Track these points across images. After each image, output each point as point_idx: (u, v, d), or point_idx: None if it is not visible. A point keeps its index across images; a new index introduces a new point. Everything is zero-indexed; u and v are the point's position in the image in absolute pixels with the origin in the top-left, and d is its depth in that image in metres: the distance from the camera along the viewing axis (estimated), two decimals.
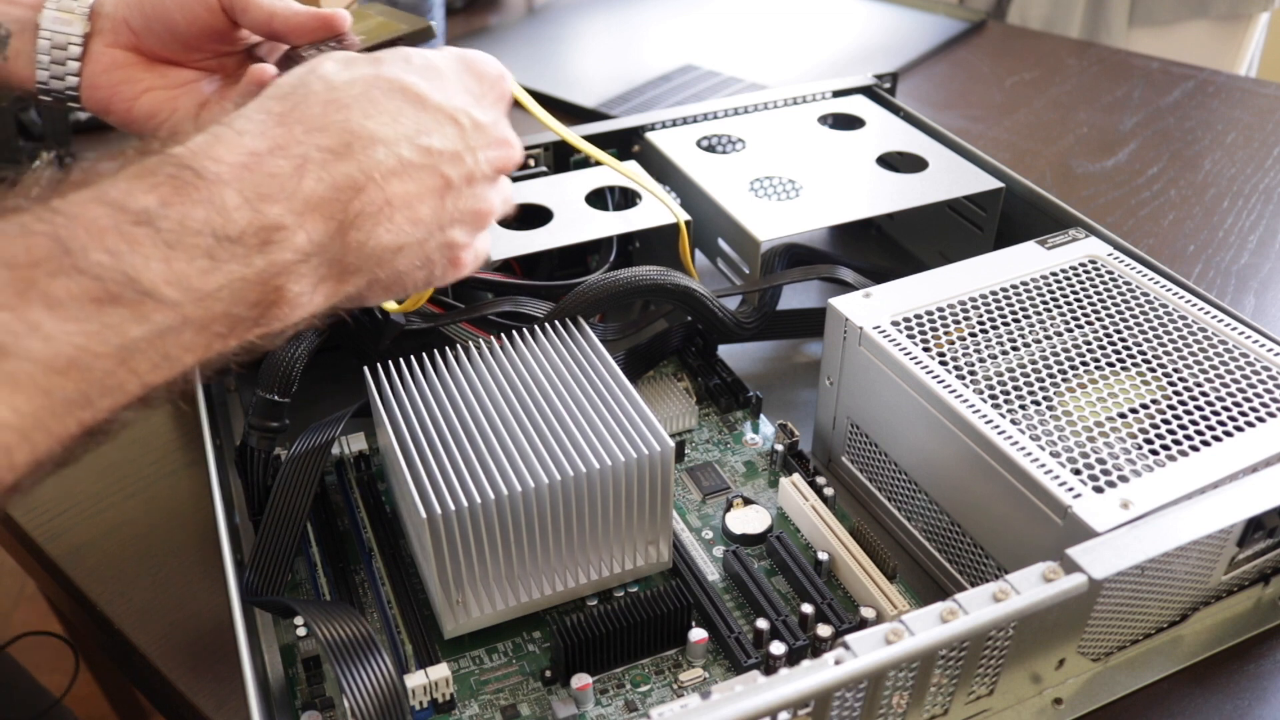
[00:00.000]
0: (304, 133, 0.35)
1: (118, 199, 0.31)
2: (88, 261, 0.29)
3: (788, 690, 0.32)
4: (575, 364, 0.48)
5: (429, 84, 0.39)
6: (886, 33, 1.13)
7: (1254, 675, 0.44)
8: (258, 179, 0.33)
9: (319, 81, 0.37)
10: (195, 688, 0.45)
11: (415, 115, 0.38)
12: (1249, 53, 1.26)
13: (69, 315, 0.28)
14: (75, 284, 0.29)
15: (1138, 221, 0.79)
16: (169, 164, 0.32)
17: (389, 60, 0.39)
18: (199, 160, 0.33)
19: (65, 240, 0.29)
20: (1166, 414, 0.45)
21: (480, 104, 0.41)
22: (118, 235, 0.30)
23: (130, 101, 0.52)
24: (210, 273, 0.32)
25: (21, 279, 0.28)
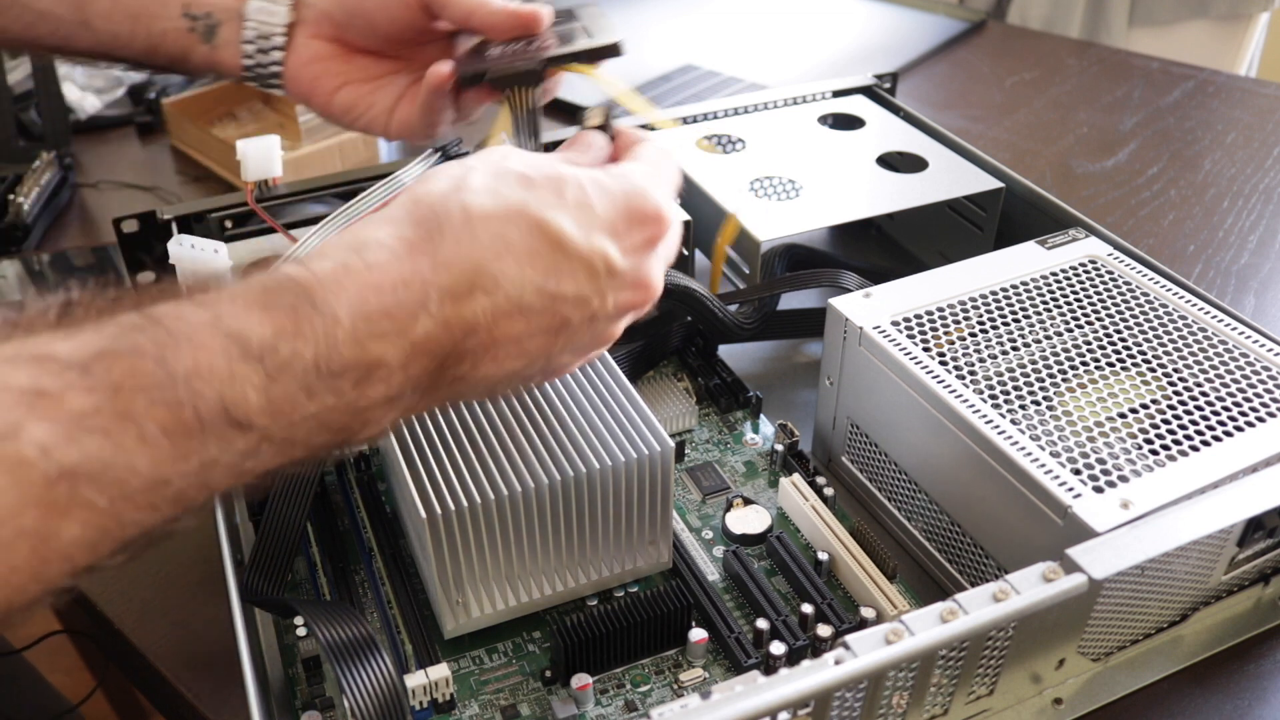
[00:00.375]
0: (431, 269, 0.34)
1: (234, 329, 0.30)
2: (189, 391, 0.29)
3: (788, 690, 0.32)
4: None
5: (575, 225, 0.36)
6: (886, 33, 1.13)
7: (1254, 675, 0.44)
8: (373, 317, 0.32)
9: (459, 210, 0.35)
10: (195, 688, 0.45)
11: (549, 260, 0.36)
12: (1249, 53, 1.27)
13: (158, 444, 0.28)
14: (171, 415, 0.28)
15: (1138, 221, 0.79)
16: (291, 293, 0.32)
17: (540, 186, 0.36)
18: (322, 293, 0.32)
19: (171, 366, 0.29)
20: (1166, 414, 0.45)
21: (626, 248, 0.38)
22: (224, 367, 0.29)
23: (330, 94, 0.53)
24: (303, 403, 0.31)
25: (124, 405, 0.28)
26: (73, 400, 0.27)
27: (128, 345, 0.28)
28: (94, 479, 0.27)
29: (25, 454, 0.26)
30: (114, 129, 0.94)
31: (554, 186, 0.37)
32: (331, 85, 0.54)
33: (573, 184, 0.37)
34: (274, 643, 0.45)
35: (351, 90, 0.54)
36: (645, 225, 0.38)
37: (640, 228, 0.38)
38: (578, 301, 0.37)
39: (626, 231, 0.38)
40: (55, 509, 0.26)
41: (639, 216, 0.38)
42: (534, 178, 0.37)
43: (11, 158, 0.84)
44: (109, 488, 0.27)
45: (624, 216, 0.38)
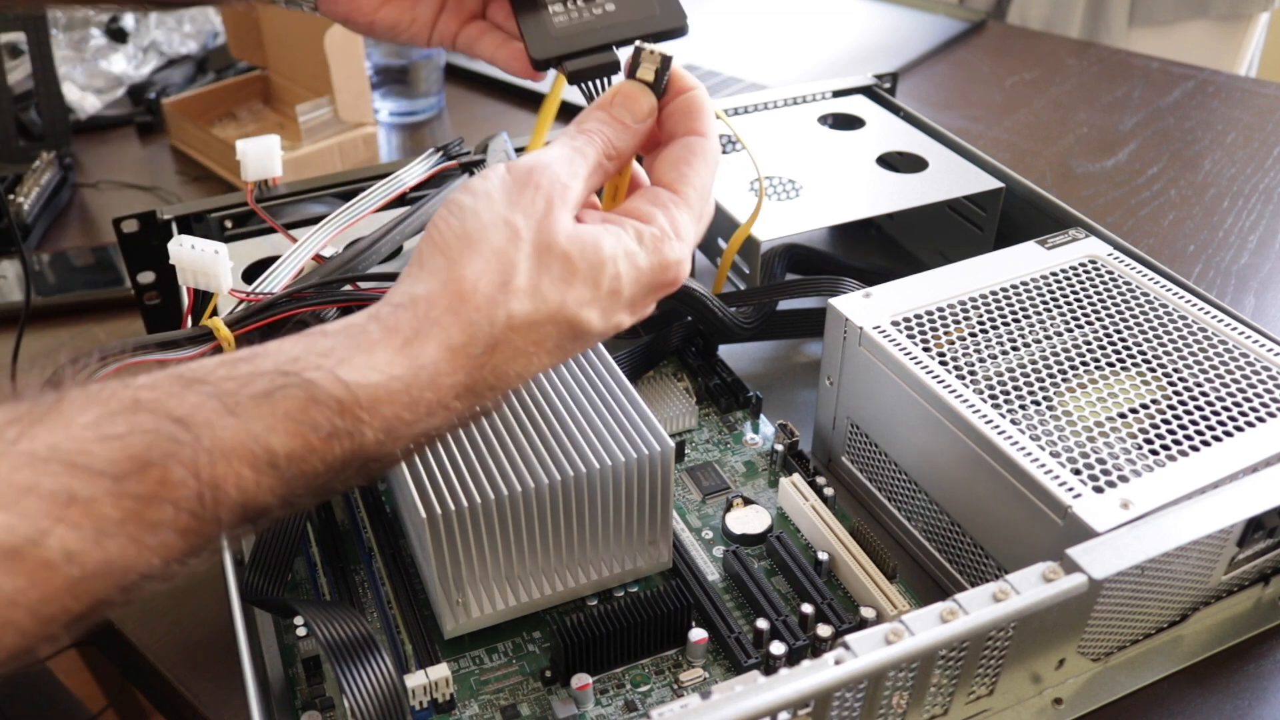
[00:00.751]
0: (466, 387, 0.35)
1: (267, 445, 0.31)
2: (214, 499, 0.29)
3: (788, 690, 0.32)
4: (575, 364, 0.48)
5: (602, 314, 0.37)
6: (886, 33, 1.13)
7: (1254, 675, 0.44)
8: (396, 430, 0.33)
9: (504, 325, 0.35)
10: (195, 688, 0.45)
11: (567, 343, 0.37)
12: (1249, 53, 1.27)
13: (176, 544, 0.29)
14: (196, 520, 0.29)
15: (1138, 221, 0.79)
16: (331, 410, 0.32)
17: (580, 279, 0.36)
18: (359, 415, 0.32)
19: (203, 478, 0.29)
20: (1166, 414, 0.45)
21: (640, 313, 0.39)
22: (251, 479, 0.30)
23: (371, 15, 0.52)
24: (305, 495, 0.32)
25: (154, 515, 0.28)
26: (102, 508, 0.28)
27: (160, 454, 0.29)
28: (114, 578, 0.28)
29: (51, 559, 0.27)
30: (114, 129, 0.94)
31: (592, 276, 0.37)
32: (370, 5, 0.52)
33: (609, 268, 0.37)
34: (274, 643, 0.45)
35: (392, 9, 0.52)
36: (662, 292, 0.39)
37: (657, 295, 0.39)
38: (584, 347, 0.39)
39: (644, 301, 0.39)
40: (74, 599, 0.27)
41: (661, 289, 0.39)
42: (577, 266, 0.36)
43: (11, 158, 0.84)
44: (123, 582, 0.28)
45: (649, 292, 0.39)
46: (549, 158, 0.38)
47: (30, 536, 0.26)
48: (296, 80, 0.91)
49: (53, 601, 0.27)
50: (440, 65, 0.96)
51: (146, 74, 1.00)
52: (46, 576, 0.27)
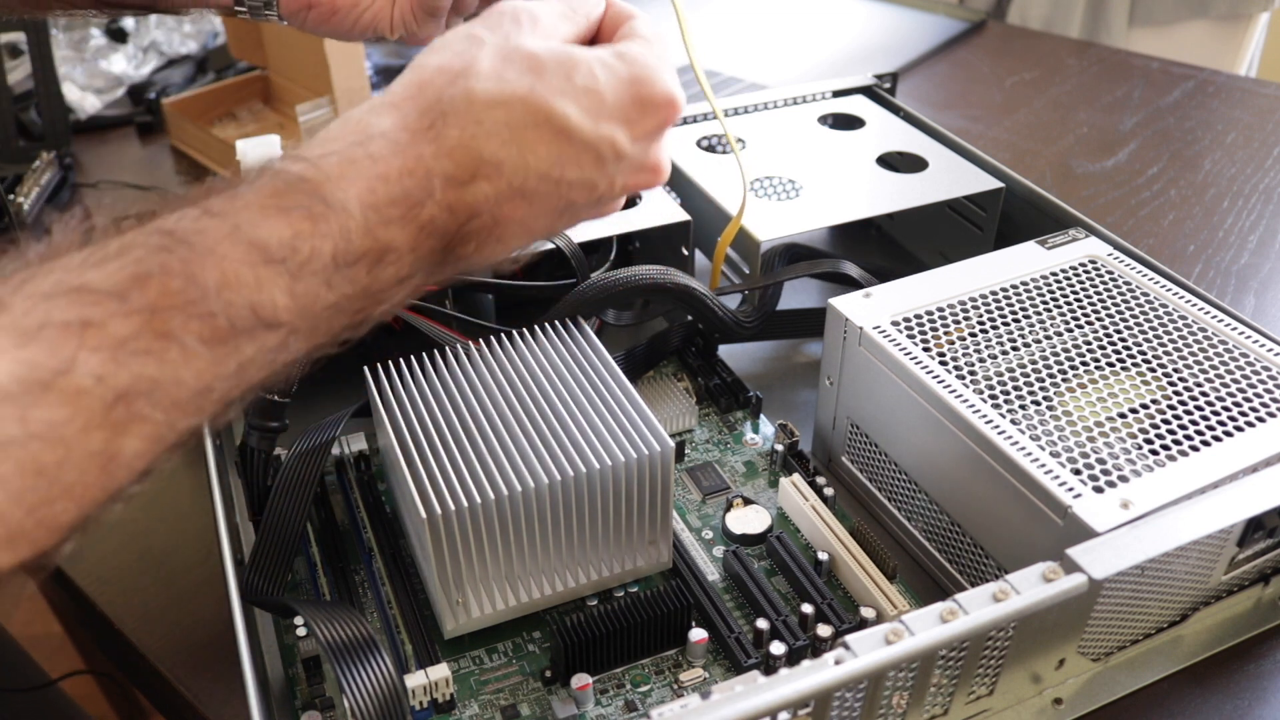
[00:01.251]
0: (434, 156, 0.35)
1: (254, 238, 0.31)
2: (220, 302, 0.30)
3: (788, 690, 0.32)
4: (575, 364, 0.48)
5: (582, 112, 0.36)
6: (886, 33, 1.13)
7: (1254, 675, 0.44)
8: (381, 206, 0.33)
9: (464, 97, 0.35)
10: (195, 688, 0.45)
11: (554, 149, 0.36)
12: (1249, 53, 1.26)
13: (199, 354, 0.30)
14: (206, 325, 0.30)
15: (1138, 221, 0.79)
16: (304, 194, 0.32)
17: (550, 72, 0.36)
18: (331, 188, 0.33)
19: (200, 281, 0.30)
20: (1166, 414, 0.45)
21: (634, 132, 0.38)
22: (250, 274, 0.31)
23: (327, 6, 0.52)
24: (325, 295, 0.33)
25: (162, 324, 0.29)
26: (116, 327, 0.28)
27: (157, 266, 0.29)
28: (146, 396, 0.29)
29: (82, 384, 0.27)
30: (114, 129, 0.94)
31: (563, 70, 0.36)
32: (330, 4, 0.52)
33: (583, 68, 0.37)
34: (274, 643, 0.45)
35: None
36: (656, 111, 0.38)
37: (651, 113, 0.38)
38: (583, 185, 0.37)
39: (638, 118, 0.38)
40: (116, 428, 0.28)
41: (649, 102, 0.38)
42: (544, 60, 0.36)
43: (11, 158, 0.84)
44: (161, 402, 0.29)
45: (634, 102, 0.38)
46: None
47: (56, 367, 0.27)
48: (296, 80, 0.91)
49: (96, 430, 0.28)
50: None
51: (146, 74, 1.00)
52: (83, 403, 0.27)
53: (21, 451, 0.26)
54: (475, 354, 0.49)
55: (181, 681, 0.46)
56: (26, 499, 0.27)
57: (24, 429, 0.26)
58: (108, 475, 0.28)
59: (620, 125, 0.37)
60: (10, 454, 0.26)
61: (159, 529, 0.53)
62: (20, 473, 0.26)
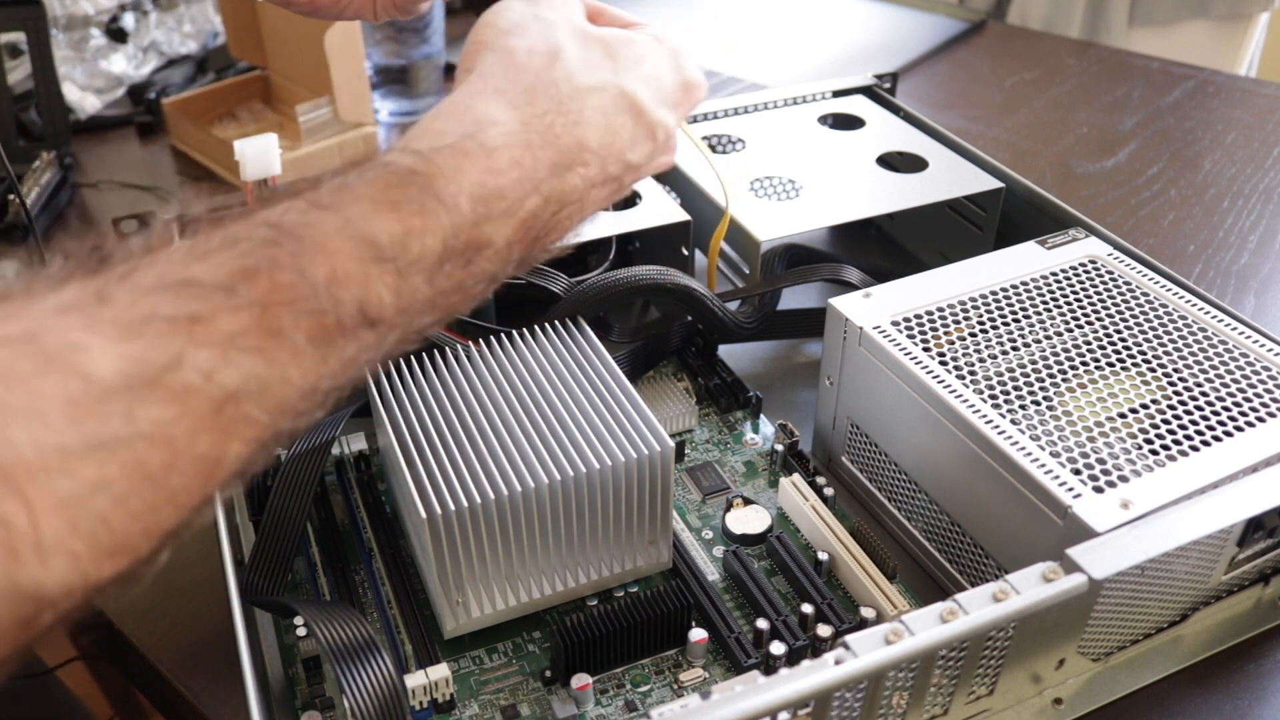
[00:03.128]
0: (541, 146, 0.35)
1: (365, 233, 0.30)
2: (330, 299, 0.29)
3: (788, 690, 0.32)
4: (575, 364, 0.48)
5: (651, 96, 0.39)
6: (886, 33, 1.13)
7: (1254, 675, 0.44)
8: (490, 200, 0.33)
9: (566, 82, 0.37)
10: (195, 688, 0.45)
11: (631, 130, 0.38)
12: (1249, 53, 1.26)
13: (307, 354, 0.29)
14: (315, 323, 0.29)
15: (1138, 221, 0.79)
16: (417, 189, 0.32)
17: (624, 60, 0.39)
18: (444, 184, 0.32)
19: (311, 276, 0.29)
20: (1166, 414, 0.45)
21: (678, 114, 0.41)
22: (360, 271, 0.30)
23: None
24: (425, 289, 0.32)
25: (273, 321, 0.28)
26: (224, 322, 0.27)
27: (266, 260, 0.28)
28: (255, 397, 0.27)
29: (191, 382, 0.26)
30: (114, 129, 0.94)
31: (633, 56, 0.39)
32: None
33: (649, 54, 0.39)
34: (274, 643, 0.45)
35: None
36: (693, 93, 0.41)
37: (689, 95, 0.41)
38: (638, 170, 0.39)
39: (682, 100, 0.41)
40: (224, 432, 0.27)
41: (690, 85, 0.41)
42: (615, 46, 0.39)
43: (11, 158, 0.84)
44: (268, 403, 0.28)
45: (681, 86, 0.41)
46: None
47: (164, 363, 0.25)
48: (296, 80, 0.91)
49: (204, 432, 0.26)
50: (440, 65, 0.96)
51: (146, 74, 1.00)
52: (192, 402, 0.26)
53: (128, 453, 0.24)
54: (475, 354, 0.49)
55: (181, 681, 0.46)
56: (132, 504, 0.25)
57: (131, 428, 0.25)
58: (210, 480, 0.27)
59: (671, 109, 0.40)
60: (117, 455, 0.24)
61: None
62: (127, 475, 0.25)
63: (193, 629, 0.48)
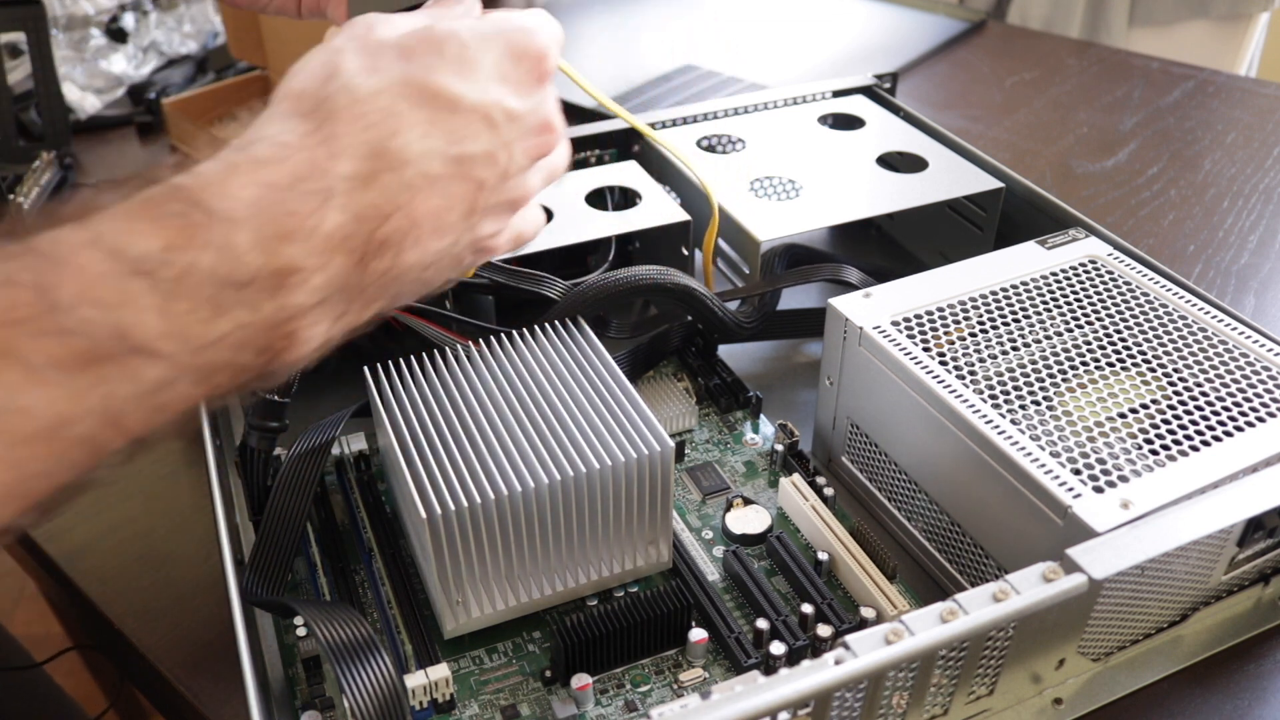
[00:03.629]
0: (328, 158, 0.32)
1: (115, 244, 0.27)
2: (75, 319, 0.26)
3: (788, 690, 0.32)
4: (575, 364, 0.48)
5: (462, 81, 0.35)
6: (886, 33, 1.13)
7: (1254, 675, 0.44)
8: (276, 217, 0.30)
9: (343, 92, 0.33)
10: (195, 688, 0.45)
11: (447, 123, 0.35)
12: (1249, 53, 1.26)
13: (50, 380, 0.26)
14: (59, 345, 0.26)
15: (1138, 221, 0.79)
16: (177, 200, 0.29)
17: (419, 53, 0.35)
18: (210, 195, 0.29)
19: (51, 293, 0.26)
20: (1166, 414, 0.45)
21: (518, 90, 0.37)
22: (111, 287, 0.27)
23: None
24: (213, 321, 0.29)
25: (4, 341, 0.25)
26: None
27: (6, 276, 0.26)
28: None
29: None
30: (114, 129, 0.94)
31: (432, 48, 0.35)
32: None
33: (450, 41, 0.36)
34: (274, 643, 0.45)
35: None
36: (529, 60, 0.38)
37: (526, 64, 0.38)
38: (486, 159, 0.36)
39: (514, 71, 0.37)
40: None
41: (521, 52, 0.37)
42: (410, 45, 0.35)
43: (11, 158, 0.84)
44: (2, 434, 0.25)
45: (508, 57, 0.37)
46: None
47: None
48: None
49: None
50: None
51: (146, 74, 1.00)
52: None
53: None
54: (475, 354, 0.49)
55: (181, 681, 0.46)
56: None
57: None
58: None
59: (501, 84, 0.37)
60: None
61: (159, 529, 0.53)
62: None
63: (193, 629, 0.48)
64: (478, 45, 0.36)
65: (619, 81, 1.00)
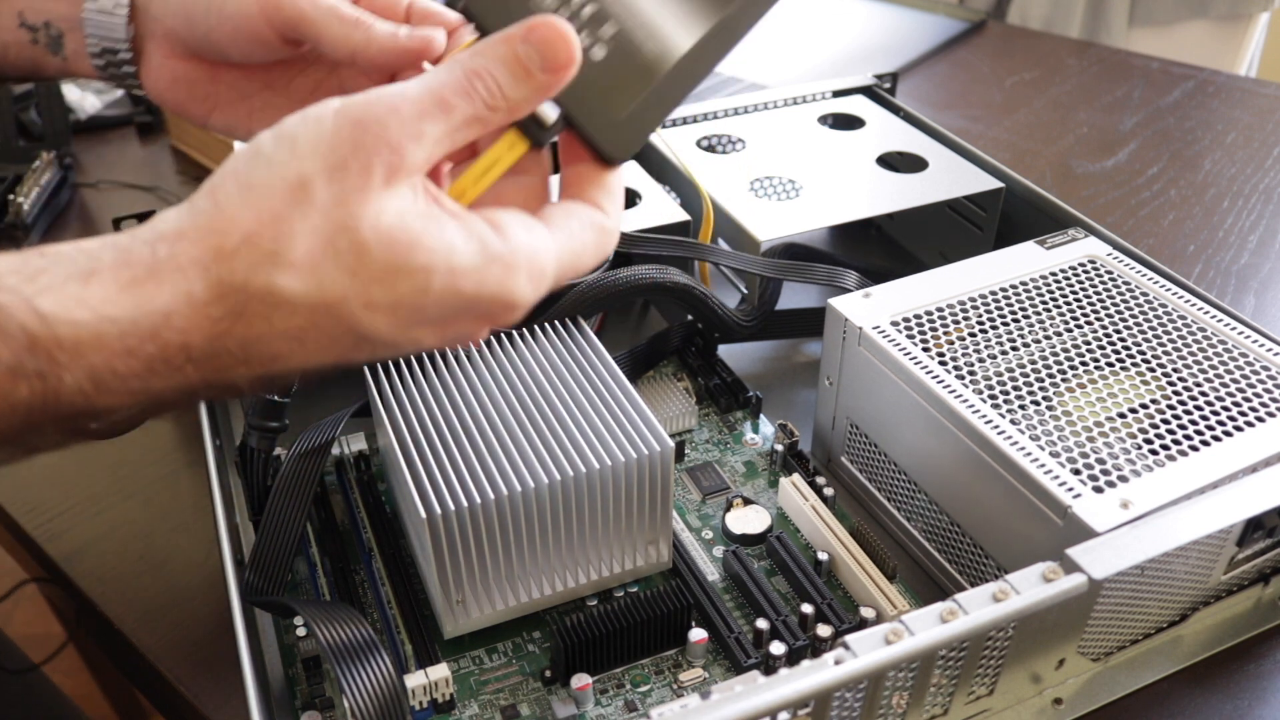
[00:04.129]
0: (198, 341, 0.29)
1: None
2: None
3: (788, 690, 0.32)
4: (575, 364, 0.48)
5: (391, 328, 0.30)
6: (886, 33, 1.13)
7: (1254, 675, 0.44)
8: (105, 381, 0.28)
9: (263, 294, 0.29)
10: (195, 688, 0.45)
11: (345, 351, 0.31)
12: (1249, 53, 1.27)
13: None
14: None
15: (1138, 221, 0.79)
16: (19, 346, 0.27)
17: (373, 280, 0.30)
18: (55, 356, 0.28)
19: None
20: (1166, 414, 0.45)
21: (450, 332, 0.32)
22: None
23: (203, 117, 0.49)
24: None
25: None
26: None
27: None
28: None
29: None
30: (114, 129, 0.94)
31: (391, 281, 0.30)
32: (202, 110, 0.48)
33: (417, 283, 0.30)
34: (274, 643, 0.45)
35: (225, 114, 0.48)
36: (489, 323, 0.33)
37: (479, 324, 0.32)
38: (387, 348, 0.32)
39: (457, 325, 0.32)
40: None
41: (486, 320, 0.32)
42: (374, 260, 0.29)
43: (11, 158, 0.84)
44: None
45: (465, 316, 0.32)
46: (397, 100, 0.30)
47: None
48: None
49: None
50: None
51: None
52: None
53: None
54: (475, 354, 0.49)
55: (181, 681, 0.46)
56: None
57: None
58: None
59: (435, 330, 0.31)
60: None
61: (159, 529, 0.53)
62: None
63: (193, 629, 0.48)
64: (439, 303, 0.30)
65: None
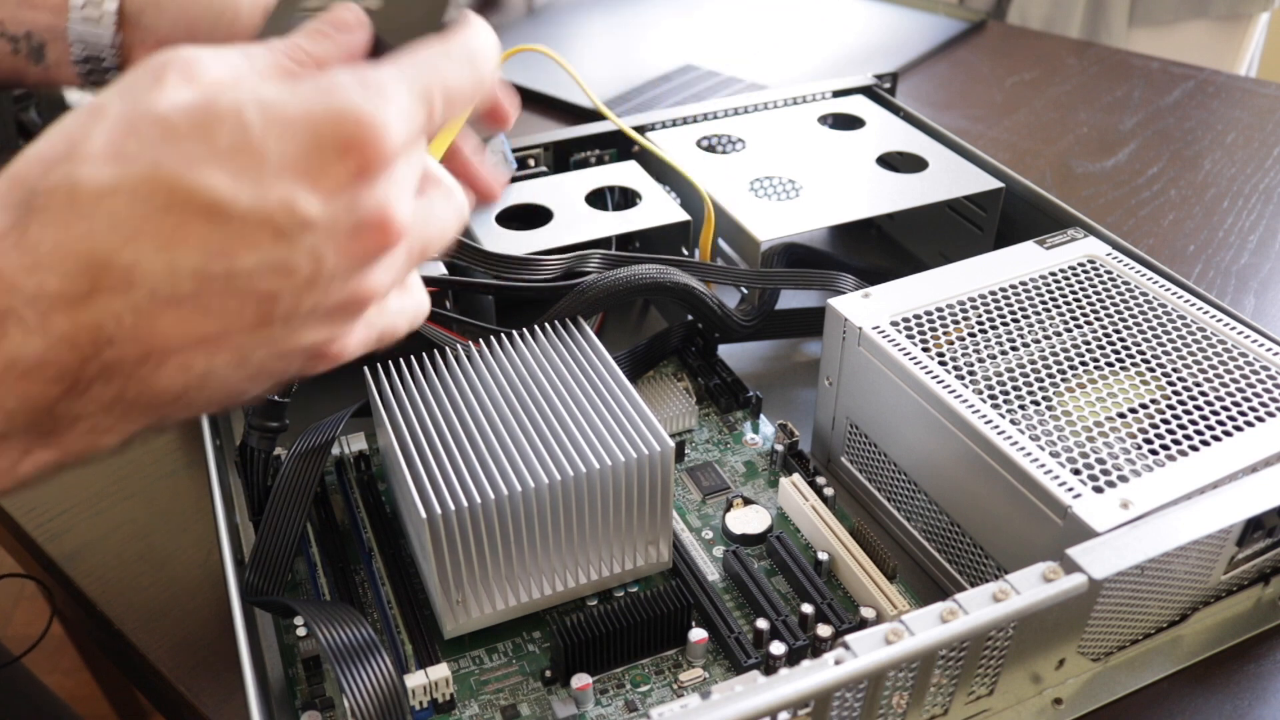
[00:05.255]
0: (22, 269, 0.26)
1: None
2: None
3: (788, 690, 0.32)
4: (575, 364, 0.48)
5: (233, 179, 0.27)
6: (886, 33, 1.13)
7: (1254, 675, 0.44)
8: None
9: (64, 187, 0.26)
10: (195, 688, 0.45)
11: (203, 233, 0.27)
12: (1249, 53, 1.27)
13: None
14: None
15: (1138, 221, 0.79)
16: None
17: (183, 136, 0.27)
18: None
19: None
20: (1166, 414, 0.45)
21: (321, 186, 0.28)
22: None
23: None
24: None
25: None
26: None
27: None
28: None
29: None
30: None
31: (201, 133, 0.27)
32: None
33: (230, 122, 0.27)
34: (274, 643, 0.45)
35: None
36: (346, 154, 0.28)
37: (339, 158, 0.28)
38: (274, 271, 0.28)
39: (320, 167, 0.28)
40: None
41: (335, 146, 0.28)
42: (175, 122, 0.27)
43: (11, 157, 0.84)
44: None
45: (312, 149, 0.28)
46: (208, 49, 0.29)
47: None
48: None
49: None
50: None
51: None
52: None
53: None
54: (475, 354, 0.49)
55: (181, 681, 0.46)
56: None
57: None
58: None
59: (295, 181, 0.28)
60: None
61: (159, 529, 0.53)
62: None
63: (193, 629, 0.48)
64: (267, 132, 0.27)
65: (619, 81, 1.00)
